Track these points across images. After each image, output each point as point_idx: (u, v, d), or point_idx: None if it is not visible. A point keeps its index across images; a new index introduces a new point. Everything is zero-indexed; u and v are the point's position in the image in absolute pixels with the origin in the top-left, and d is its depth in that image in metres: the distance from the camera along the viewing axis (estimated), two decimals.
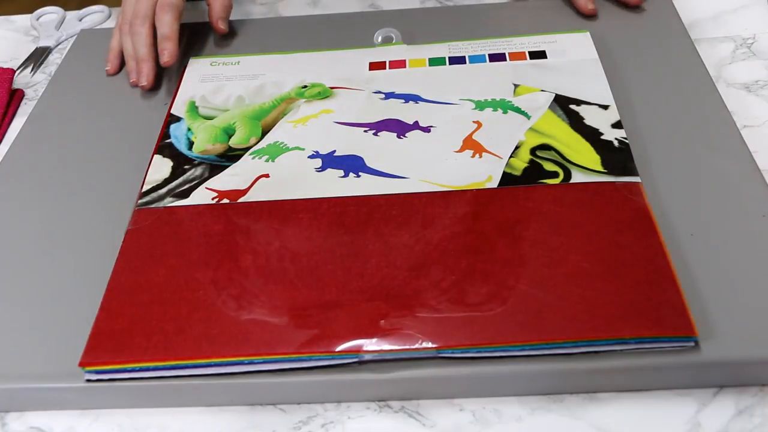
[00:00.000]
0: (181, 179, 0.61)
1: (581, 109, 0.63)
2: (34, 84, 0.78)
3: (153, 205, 0.58)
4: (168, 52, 0.71)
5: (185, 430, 0.49)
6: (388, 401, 0.49)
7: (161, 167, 0.62)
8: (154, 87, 0.72)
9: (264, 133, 0.65)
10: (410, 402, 0.49)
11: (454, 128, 0.63)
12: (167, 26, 0.71)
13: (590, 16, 0.75)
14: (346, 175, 0.59)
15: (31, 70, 0.80)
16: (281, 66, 0.72)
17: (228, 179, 0.60)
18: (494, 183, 0.57)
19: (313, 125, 0.65)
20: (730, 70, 0.70)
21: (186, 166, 0.62)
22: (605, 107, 0.63)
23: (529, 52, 0.70)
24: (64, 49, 0.83)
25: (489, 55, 0.70)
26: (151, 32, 0.72)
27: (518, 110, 0.64)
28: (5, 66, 0.78)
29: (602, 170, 0.57)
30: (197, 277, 0.53)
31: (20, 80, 0.79)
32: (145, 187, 0.60)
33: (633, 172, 0.57)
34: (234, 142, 0.64)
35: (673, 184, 0.58)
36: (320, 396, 0.49)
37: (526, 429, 0.47)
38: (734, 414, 0.47)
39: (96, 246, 0.57)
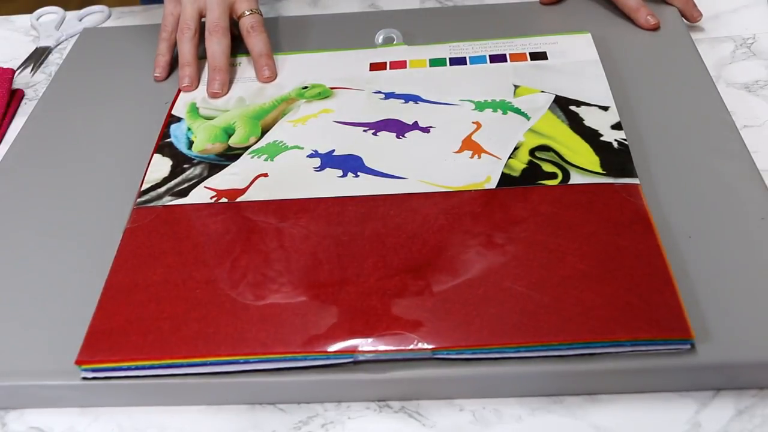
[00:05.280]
0: (180, 178, 0.61)
1: (581, 111, 0.63)
2: (34, 84, 0.79)
3: (152, 204, 0.58)
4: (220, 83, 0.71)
5: (185, 430, 0.49)
6: (388, 401, 0.49)
7: (161, 166, 0.62)
8: (155, 87, 0.73)
9: (263, 132, 0.65)
10: (410, 402, 0.49)
11: (454, 129, 0.63)
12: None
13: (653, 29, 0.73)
14: (344, 175, 0.59)
15: (31, 70, 0.80)
16: (281, 66, 0.72)
17: (227, 178, 0.60)
18: (493, 184, 0.57)
19: (312, 124, 0.65)
20: (730, 70, 0.70)
21: (185, 165, 0.62)
22: (605, 108, 0.63)
23: (530, 53, 0.70)
24: (64, 49, 0.83)
25: (490, 56, 0.70)
26: (229, 43, 0.72)
27: (518, 111, 0.64)
28: (5, 66, 0.78)
29: (601, 171, 0.57)
30: (195, 275, 0.53)
31: (20, 80, 0.79)
32: (144, 186, 0.60)
33: (632, 173, 0.57)
34: (233, 141, 0.64)
35: (672, 185, 0.57)
36: (320, 396, 0.49)
37: (526, 429, 0.47)
38: (734, 414, 0.47)
39: (94, 244, 0.57)
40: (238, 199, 0.58)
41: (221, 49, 0.71)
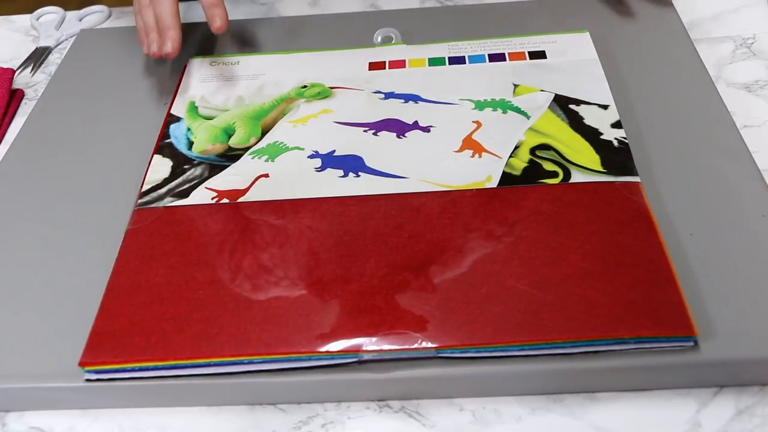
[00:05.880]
0: (180, 179, 0.61)
1: (581, 109, 0.63)
2: (34, 84, 0.78)
3: (153, 205, 0.58)
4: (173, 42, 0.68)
5: (185, 430, 0.49)
6: (388, 401, 0.49)
7: (161, 167, 0.62)
8: (154, 87, 0.72)
9: (264, 133, 0.65)
10: (410, 402, 0.49)
11: (454, 128, 0.63)
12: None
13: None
14: (345, 175, 0.59)
15: (31, 70, 0.80)
16: (281, 66, 0.72)
17: (228, 179, 0.60)
18: (494, 183, 0.57)
19: (312, 125, 0.65)
20: (730, 70, 0.70)
21: (186, 166, 0.62)
22: (605, 107, 0.63)
23: (529, 52, 0.70)
24: (64, 49, 0.83)
25: (489, 55, 0.70)
26: (176, 3, 0.70)
27: (518, 110, 0.64)
28: (5, 66, 0.78)
29: (602, 170, 0.57)
30: (197, 276, 0.53)
31: (20, 80, 0.79)
32: (145, 187, 0.60)
33: (632, 171, 0.57)
34: (234, 142, 0.64)
35: (672, 183, 0.58)
36: (320, 396, 0.49)
37: (526, 429, 0.47)
38: (734, 414, 0.47)
39: (96, 246, 0.57)
40: (240, 200, 0.58)
41: (166, 9, 0.69)
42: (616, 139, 0.60)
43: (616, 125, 0.61)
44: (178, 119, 0.67)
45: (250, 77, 0.71)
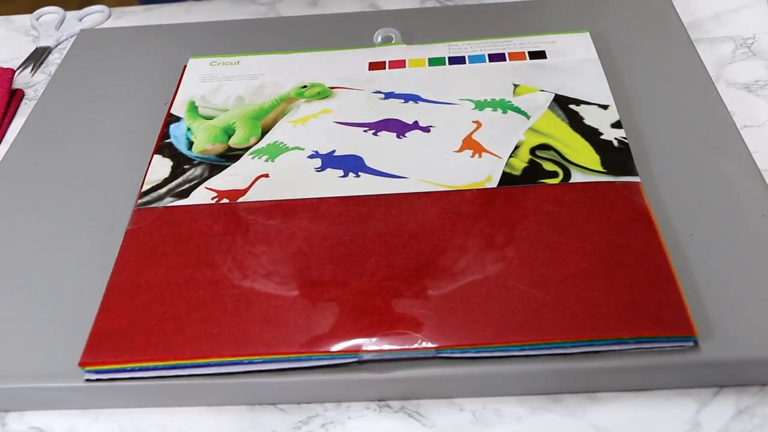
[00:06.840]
0: (180, 179, 0.61)
1: (581, 109, 0.63)
2: (34, 84, 0.79)
3: (153, 205, 0.58)
4: None
5: (185, 430, 0.49)
6: (388, 401, 0.49)
7: (161, 167, 0.62)
8: (154, 87, 0.72)
9: (264, 133, 0.65)
10: (410, 402, 0.49)
11: (454, 128, 0.63)
12: None
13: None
14: (345, 175, 0.59)
15: (31, 70, 0.80)
16: (281, 66, 0.72)
17: (228, 179, 0.60)
18: (494, 183, 0.57)
19: (312, 125, 0.65)
20: (730, 70, 0.70)
21: (186, 166, 0.62)
22: (605, 107, 0.63)
23: (529, 52, 0.70)
24: (64, 49, 0.83)
25: (489, 55, 0.70)
26: None
27: (518, 110, 0.64)
28: (5, 66, 0.78)
29: (602, 170, 0.57)
30: (197, 276, 0.53)
31: (20, 80, 0.79)
32: (145, 187, 0.60)
33: (632, 171, 0.57)
34: (234, 142, 0.64)
35: (672, 183, 0.58)
36: (320, 396, 0.49)
37: (526, 429, 0.47)
38: (734, 414, 0.47)
39: (96, 246, 0.57)
40: (240, 200, 0.58)
41: None
42: (616, 139, 0.60)
43: (616, 125, 0.61)
44: (178, 119, 0.67)
45: (250, 77, 0.71)
